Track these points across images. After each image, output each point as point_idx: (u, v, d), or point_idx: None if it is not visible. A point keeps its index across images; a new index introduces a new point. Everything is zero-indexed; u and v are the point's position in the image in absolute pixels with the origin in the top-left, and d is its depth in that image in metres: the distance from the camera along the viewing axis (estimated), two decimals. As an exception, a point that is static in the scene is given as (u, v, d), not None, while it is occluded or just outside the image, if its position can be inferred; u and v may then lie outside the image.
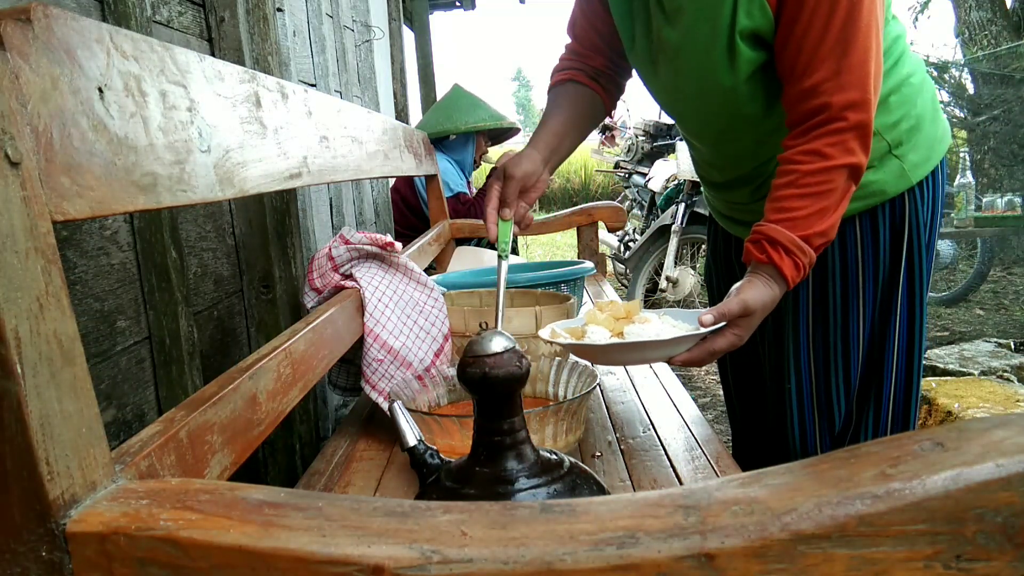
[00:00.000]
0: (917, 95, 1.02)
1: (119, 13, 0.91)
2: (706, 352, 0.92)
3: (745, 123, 1.03)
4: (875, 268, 1.06)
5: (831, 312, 1.08)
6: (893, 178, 1.02)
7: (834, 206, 0.90)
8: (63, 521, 0.37)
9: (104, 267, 0.88)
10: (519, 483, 0.59)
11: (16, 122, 0.39)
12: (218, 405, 0.59)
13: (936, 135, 1.05)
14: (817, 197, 0.89)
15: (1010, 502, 0.29)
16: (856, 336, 1.09)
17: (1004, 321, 3.81)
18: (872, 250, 1.05)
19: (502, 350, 0.60)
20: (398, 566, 0.32)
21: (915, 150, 1.02)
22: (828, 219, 0.89)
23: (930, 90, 1.07)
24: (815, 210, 0.89)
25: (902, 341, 1.08)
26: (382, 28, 2.81)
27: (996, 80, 5.19)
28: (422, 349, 1.10)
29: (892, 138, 1.01)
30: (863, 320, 1.08)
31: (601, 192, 11.22)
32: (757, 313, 0.91)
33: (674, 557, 0.30)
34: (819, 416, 1.12)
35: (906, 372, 1.10)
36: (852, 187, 0.91)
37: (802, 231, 0.89)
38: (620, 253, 4.51)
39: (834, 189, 0.89)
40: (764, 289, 0.91)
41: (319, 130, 1.02)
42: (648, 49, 1.06)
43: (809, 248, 0.90)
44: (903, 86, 1.01)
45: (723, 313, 0.90)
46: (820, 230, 0.89)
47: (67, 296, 0.40)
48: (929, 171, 1.04)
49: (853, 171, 0.89)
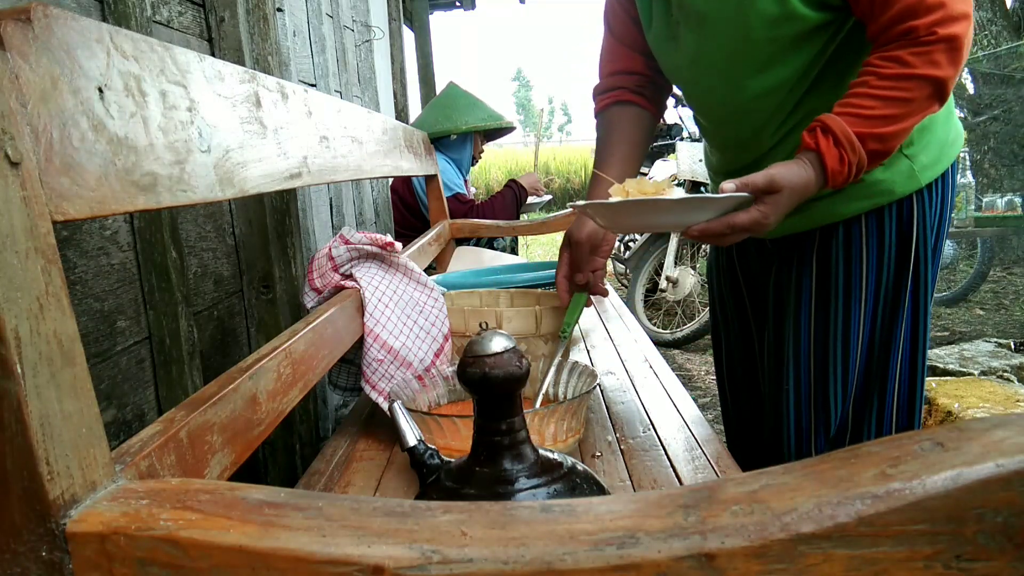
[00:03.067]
0: None
1: (119, 13, 0.91)
2: (725, 225, 0.86)
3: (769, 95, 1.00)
4: (879, 270, 1.04)
5: (832, 314, 1.07)
6: (902, 178, 1.00)
7: (904, 116, 0.84)
8: (63, 521, 0.37)
9: (104, 267, 0.88)
10: (519, 483, 0.59)
11: (16, 122, 0.39)
12: (218, 405, 0.59)
13: (948, 138, 1.03)
14: (887, 102, 0.84)
15: (1010, 502, 0.29)
16: (856, 339, 1.07)
17: (1004, 321, 3.81)
18: (877, 252, 1.03)
19: (502, 350, 0.60)
20: (398, 566, 0.32)
21: (926, 151, 1.00)
22: (892, 126, 0.84)
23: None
24: (881, 113, 0.84)
25: (906, 346, 1.07)
26: (382, 28, 2.81)
27: (996, 80, 5.19)
28: (422, 349, 1.10)
29: None
30: (864, 323, 1.06)
31: (601, 192, 11.21)
32: (784, 192, 0.86)
33: (674, 557, 0.30)
34: (815, 419, 1.11)
35: (909, 377, 1.08)
36: (934, 106, 0.86)
37: (859, 127, 0.84)
38: (620, 253, 4.51)
39: (909, 99, 0.84)
40: (798, 170, 0.87)
41: (319, 130, 1.02)
42: (667, 24, 1.04)
43: (861, 148, 0.85)
44: None
45: (746, 183, 0.85)
46: (880, 133, 0.84)
47: (67, 296, 0.40)
48: (939, 173, 1.02)
49: (937, 85, 0.84)
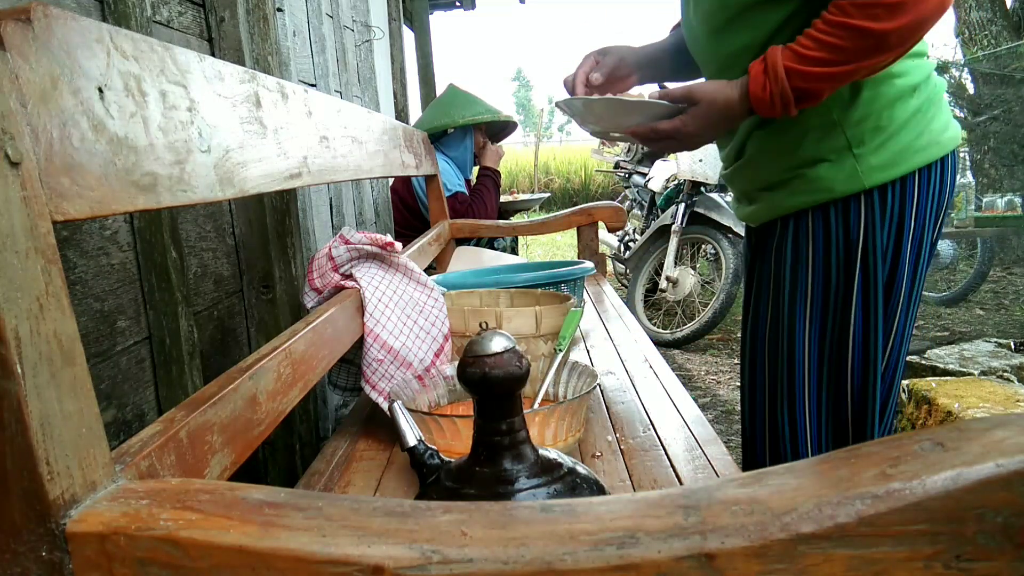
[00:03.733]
0: (899, 99, 0.96)
1: (119, 13, 0.91)
2: (649, 128, 0.98)
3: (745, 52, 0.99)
4: (825, 271, 1.02)
5: (781, 309, 1.06)
6: (843, 176, 0.97)
7: (834, 63, 0.87)
8: (63, 521, 0.37)
9: (104, 267, 0.88)
10: (519, 483, 0.59)
11: (16, 122, 0.39)
12: (218, 405, 0.59)
13: (914, 144, 0.97)
14: (821, 45, 0.87)
15: (1010, 502, 0.29)
16: (803, 342, 1.05)
17: (1004, 321, 3.81)
18: (823, 251, 1.01)
19: (502, 350, 0.60)
20: (398, 566, 0.32)
21: (877, 153, 0.96)
22: (819, 68, 0.87)
23: (923, 99, 0.99)
24: (812, 55, 0.87)
25: (857, 355, 1.03)
26: (382, 28, 2.81)
27: (996, 80, 5.19)
28: (422, 349, 1.10)
29: (852, 135, 0.96)
30: (812, 325, 1.04)
31: (601, 192, 11.23)
32: (702, 105, 0.95)
33: (674, 557, 0.30)
34: (769, 431, 1.09)
35: (860, 388, 1.04)
36: (874, 59, 0.87)
37: (790, 63, 0.88)
38: (620, 253, 4.51)
39: (842, 47, 0.86)
40: (721, 87, 0.94)
41: (319, 130, 1.02)
42: None
43: (786, 82, 0.88)
44: (883, 84, 0.96)
45: (667, 93, 0.98)
46: (805, 71, 0.88)
47: (67, 296, 0.40)
48: (893, 178, 0.97)
49: (875, 38, 0.84)
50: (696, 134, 0.97)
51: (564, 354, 1.00)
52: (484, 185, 2.76)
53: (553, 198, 11.33)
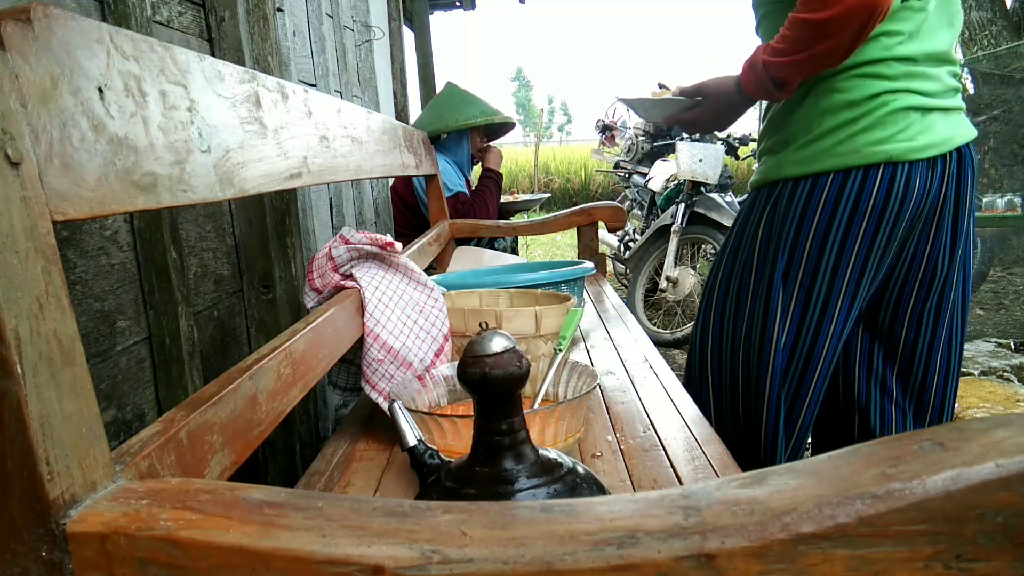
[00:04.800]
0: (831, 110, 1.13)
1: (119, 13, 0.91)
2: (675, 118, 1.31)
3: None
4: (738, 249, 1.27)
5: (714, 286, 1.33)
6: (775, 163, 1.21)
7: (791, 52, 1.07)
8: (63, 521, 0.37)
9: (104, 267, 0.88)
10: (519, 483, 0.59)
11: (16, 122, 0.39)
12: (218, 405, 0.59)
13: (830, 150, 1.13)
14: (783, 39, 1.08)
15: (1010, 502, 0.29)
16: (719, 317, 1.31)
17: (1004, 321, 3.81)
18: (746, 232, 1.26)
19: (502, 350, 0.60)
20: (398, 566, 0.32)
21: (799, 149, 1.17)
22: (781, 58, 1.08)
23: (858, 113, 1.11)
24: (778, 47, 1.09)
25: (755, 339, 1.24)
26: (382, 28, 2.81)
27: (996, 80, 5.19)
28: (422, 349, 1.10)
29: (790, 132, 1.19)
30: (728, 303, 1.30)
31: (601, 192, 11.23)
32: (709, 97, 1.25)
33: (674, 557, 0.30)
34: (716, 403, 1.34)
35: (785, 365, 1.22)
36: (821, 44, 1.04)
37: (766, 56, 1.11)
38: (620, 253, 4.51)
39: (794, 38, 1.06)
40: (722, 80, 1.23)
41: (319, 130, 1.02)
42: None
43: (763, 70, 1.11)
44: (824, 96, 1.14)
45: (683, 89, 1.29)
46: (774, 62, 1.10)
47: (67, 296, 0.40)
48: (806, 173, 1.16)
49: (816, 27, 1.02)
50: (711, 120, 1.27)
51: (564, 354, 1.00)
52: (486, 186, 2.75)
53: (553, 198, 11.33)
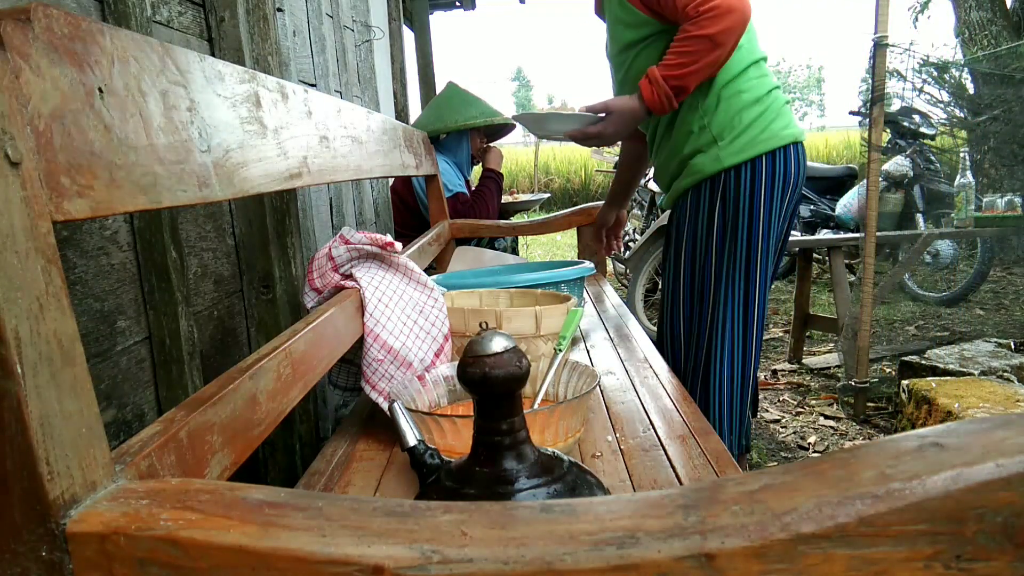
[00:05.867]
0: (745, 107, 1.44)
1: (119, 13, 0.91)
2: (581, 132, 1.48)
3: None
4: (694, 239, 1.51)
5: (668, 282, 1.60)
6: (711, 160, 1.46)
7: (690, 63, 1.32)
8: (63, 521, 0.37)
9: (104, 267, 0.88)
10: (519, 483, 0.59)
11: (16, 122, 0.39)
12: (218, 405, 0.59)
13: (757, 137, 1.45)
14: (678, 54, 1.34)
15: (1010, 502, 0.29)
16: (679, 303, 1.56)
17: (1004, 321, 3.81)
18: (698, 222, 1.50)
19: (502, 350, 0.60)
20: (398, 566, 0.32)
21: (732, 142, 1.45)
22: (681, 70, 1.34)
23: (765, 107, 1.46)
24: (675, 62, 1.34)
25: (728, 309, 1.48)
26: (382, 28, 2.81)
27: (996, 80, 5.18)
28: (422, 349, 1.10)
29: (716, 132, 1.45)
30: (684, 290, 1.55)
31: (601, 192, 11.22)
32: (614, 113, 1.45)
33: (674, 557, 0.30)
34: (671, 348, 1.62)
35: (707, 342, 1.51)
36: (715, 52, 1.32)
37: (664, 72, 1.35)
38: (620, 253, 4.51)
39: (691, 51, 1.32)
40: (626, 99, 1.44)
41: (319, 130, 1.02)
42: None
43: (665, 84, 1.35)
44: (734, 98, 1.44)
45: (591, 107, 1.47)
46: (674, 74, 1.34)
47: (67, 296, 0.40)
48: (746, 159, 1.44)
49: (710, 40, 1.30)
50: (614, 133, 1.48)
51: (564, 354, 1.00)
52: (487, 187, 2.75)
53: (553, 198, 11.32)
